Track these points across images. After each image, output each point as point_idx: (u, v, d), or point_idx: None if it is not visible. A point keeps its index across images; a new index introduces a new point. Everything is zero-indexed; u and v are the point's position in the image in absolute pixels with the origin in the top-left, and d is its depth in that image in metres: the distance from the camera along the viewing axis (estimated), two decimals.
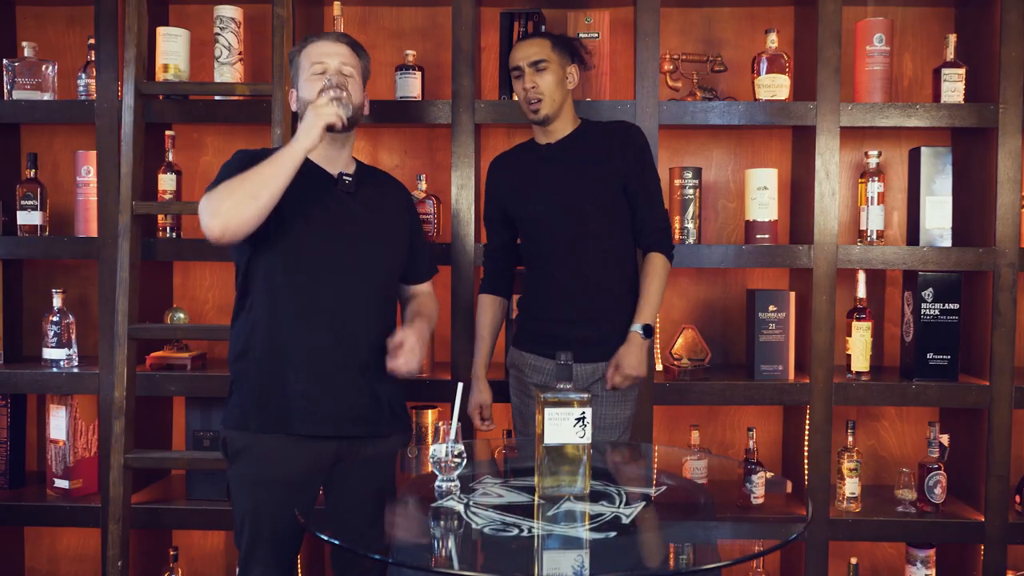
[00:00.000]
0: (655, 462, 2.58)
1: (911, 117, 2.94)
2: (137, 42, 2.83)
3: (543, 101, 2.57)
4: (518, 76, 2.59)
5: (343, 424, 2.30)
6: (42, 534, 3.33)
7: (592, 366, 2.58)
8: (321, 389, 2.28)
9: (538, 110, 2.58)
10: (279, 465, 2.26)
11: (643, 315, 2.59)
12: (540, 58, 2.56)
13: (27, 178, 3.07)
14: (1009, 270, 2.92)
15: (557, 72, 2.58)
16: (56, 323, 3.03)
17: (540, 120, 2.60)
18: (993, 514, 2.92)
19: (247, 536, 2.29)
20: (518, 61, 2.59)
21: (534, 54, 2.57)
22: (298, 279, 2.28)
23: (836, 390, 2.94)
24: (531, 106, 2.58)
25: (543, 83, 2.56)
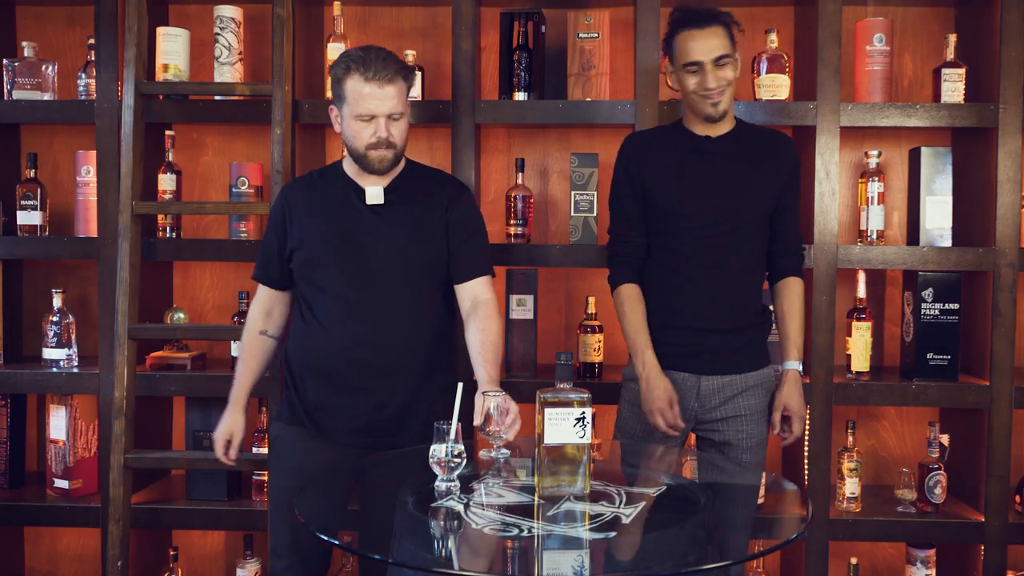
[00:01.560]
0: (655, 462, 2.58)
1: (911, 117, 2.94)
2: (137, 42, 2.83)
3: (726, 93, 2.38)
4: (695, 71, 2.37)
5: (364, 436, 2.38)
6: (42, 534, 3.33)
7: (723, 379, 2.44)
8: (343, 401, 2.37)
9: (719, 103, 2.38)
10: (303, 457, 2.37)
11: (798, 349, 2.48)
12: (724, 52, 2.36)
13: (27, 178, 3.07)
14: (1009, 270, 2.92)
15: (735, 64, 2.40)
16: (56, 323, 3.03)
17: (719, 116, 2.40)
18: (993, 514, 2.92)
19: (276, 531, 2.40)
20: (698, 55, 2.35)
21: (717, 48, 2.35)
22: (328, 294, 2.35)
23: (836, 390, 2.94)
24: (711, 99, 2.37)
25: (728, 76, 2.38)
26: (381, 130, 2.29)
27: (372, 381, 2.35)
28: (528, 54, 3.01)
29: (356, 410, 2.36)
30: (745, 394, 2.48)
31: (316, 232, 2.37)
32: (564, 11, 3.10)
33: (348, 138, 2.34)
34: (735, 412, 2.47)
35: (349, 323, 2.34)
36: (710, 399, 2.46)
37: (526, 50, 3.01)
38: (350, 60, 2.30)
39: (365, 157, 2.33)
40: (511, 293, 3.03)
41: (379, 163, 2.33)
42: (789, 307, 2.51)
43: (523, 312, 3.02)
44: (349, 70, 2.29)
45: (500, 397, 2.16)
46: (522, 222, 3.04)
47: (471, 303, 2.42)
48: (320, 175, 2.48)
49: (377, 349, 2.35)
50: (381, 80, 2.26)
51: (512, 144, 3.29)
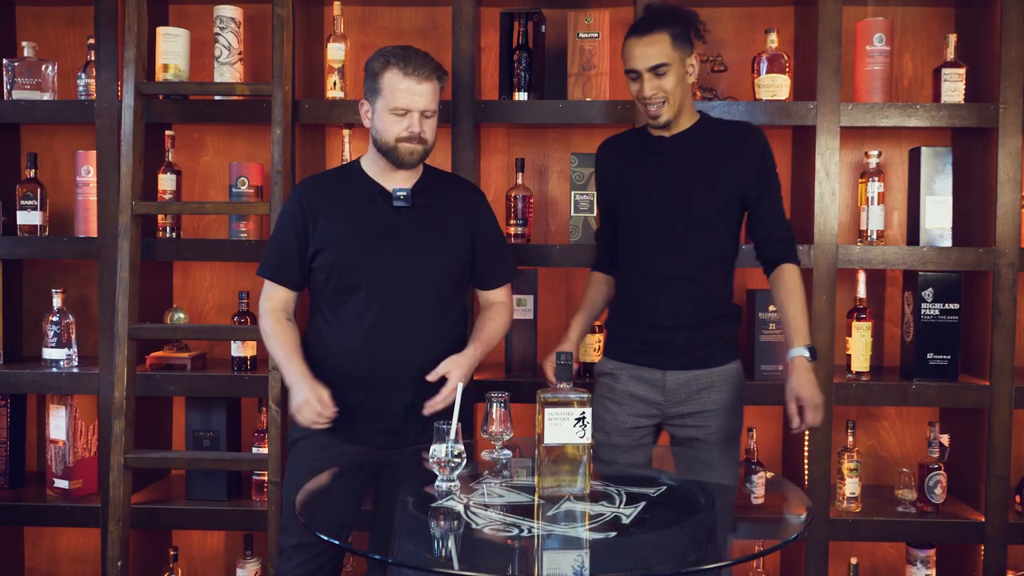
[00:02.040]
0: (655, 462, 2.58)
1: (911, 117, 2.94)
2: (137, 42, 2.83)
3: (666, 105, 2.39)
4: (634, 78, 2.40)
5: (392, 437, 2.39)
6: (42, 534, 3.33)
7: (692, 373, 2.46)
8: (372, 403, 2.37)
9: (659, 115, 2.40)
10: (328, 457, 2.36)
11: (802, 335, 2.40)
12: (661, 62, 2.36)
13: (27, 178, 3.07)
14: (1009, 270, 2.92)
15: (678, 71, 2.38)
16: (56, 323, 3.03)
17: (662, 125, 2.43)
18: (993, 514, 2.92)
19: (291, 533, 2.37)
20: (635, 63, 2.38)
21: (654, 57, 2.35)
22: (345, 295, 2.36)
23: (836, 390, 2.94)
24: (650, 111, 2.40)
25: (666, 86, 2.37)
26: (415, 125, 2.33)
27: (402, 381, 2.37)
28: (528, 54, 3.01)
29: (387, 411, 2.38)
30: (711, 389, 2.47)
31: (345, 233, 2.37)
32: (564, 11, 3.10)
33: (380, 131, 2.36)
34: (701, 407, 2.47)
35: (378, 324, 2.35)
36: (675, 393, 2.47)
37: (526, 50, 3.01)
38: (390, 55, 2.34)
39: (395, 150, 2.35)
40: (511, 293, 3.02)
41: (409, 156, 2.36)
42: (786, 294, 2.46)
43: (523, 312, 3.02)
44: (388, 64, 2.33)
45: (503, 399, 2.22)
46: (522, 222, 3.04)
47: (487, 303, 2.56)
48: (339, 174, 2.48)
49: (406, 349, 2.37)
50: (420, 76, 2.32)
51: (512, 144, 3.29)
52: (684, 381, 2.47)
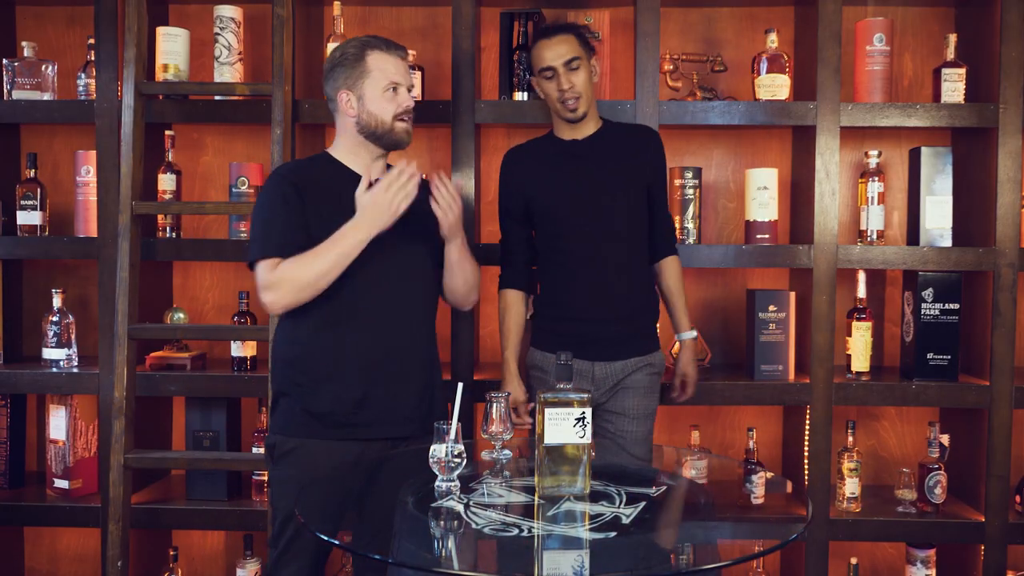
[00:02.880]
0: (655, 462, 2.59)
1: (911, 117, 2.94)
2: (137, 42, 2.83)
3: (581, 99, 2.55)
4: (550, 77, 2.56)
5: (397, 424, 2.36)
6: (42, 534, 3.33)
7: (621, 363, 2.61)
8: (375, 394, 2.33)
9: (576, 108, 2.56)
10: (325, 465, 2.31)
11: (685, 320, 2.74)
12: (573, 55, 2.54)
13: (27, 178, 3.07)
14: (1009, 270, 2.92)
15: (587, 68, 2.57)
16: (56, 323, 3.03)
17: (579, 118, 2.58)
18: (993, 514, 2.92)
19: (288, 536, 2.33)
20: (550, 61, 2.55)
21: (566, 52, 2.54)
22: (347, 288, 2.31)
23: (836, 390, 2.94)
24: (568, 105, 2.56)
25: (579, 81, 2.55)
26: (406, 99, 2.36)
27: (408, 369, 2.36)
28: (528, 54, 3.01)
29: (398, 400, 2.36)
30: (635, 373, 2.63)
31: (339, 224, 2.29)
32: (564, 11, 3.10)
33: (374, 114, 2.34)
34: (624, 386, 2.64)
35: (380, 314, 2.33)
36: (604, 382, 2.62)
37: (526, 50, 3.01)
38: (362, 40, 2.36)
39: (392, 131, 2.36)
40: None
41: (405, 135, 2.38)
42: (673, 283, 2.72)
43: None
44: (367, 46, 2.35)
45: (503, 399, 2.20)
46: None
47: None
48: (313, 164, 2.41)
49: (409, 338, 2.36)
50: (400, 52, 2.37)
51: (512, 144, 3.28)
52: (611, 372, 2.62)
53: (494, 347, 3.31)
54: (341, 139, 2.42)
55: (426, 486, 2.02)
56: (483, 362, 3.30)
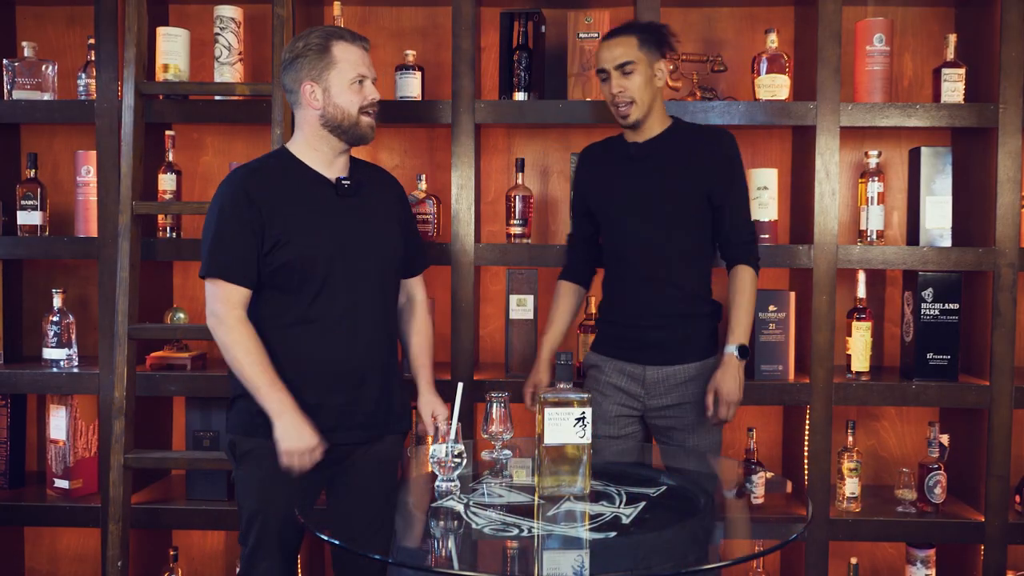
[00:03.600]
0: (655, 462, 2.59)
1: (911, 117, 2.94)
2: (137, 42, 2.83)
3: (633, 105, 2.50)
4: (604, 79, 2.53)
5: (354, 431, 2.34)
6: (42, 534, 3.33)
7: (672, 368, 2.56)
8: (333, 399, 2.30)
9: (627, 115, 2.52)
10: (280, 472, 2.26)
11: (737, 334, 2.52)
12: (627, 60, 2.48)
13: (27, 178, 3.07)
14: (1009, 270, 2.92)
15: (645, 72, 2.50)
16: (56, 323, 3.03)
17: (630, 125, 2.55)
18: (993, 514, 2.92)
19: (255, 534, 2.30)
20: (603, 63, 2.51)
21: (620, 56, 2.49)
22: (308, 288, 2.28)
23: (836, 390, 2.94)
24: (619, 110, 2.52)
25: (631, 86, 2.49)
26: (372, 92, 2.32)
27: (369, 374, 2.34)
28: (528, 54, 3.02)
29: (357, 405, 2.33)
30: (690, 383, 2.57)
31: (303, 227, 2.27)
32: (564, 11, 3.10)
33: (340, 107, 2.29)
34: (680, 400, 2.57)
35: (343, 317, 2.29)
36: (655, 387, 2.57)
37: (526, 50, 3.01)
38: (327, 30, 2.31)
39: (357, 124, 2.31)
40: (511, 293, 3.03)
41: (370, 129, 2.35)
42: (733, 294, 2.58)
43: (523, 312, 3.02)
44: (333, 36, 2.30)
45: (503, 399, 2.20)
46: (522, 222, 3.04)
47: (407, 298, 2.55)
48: (273, 162, 2.35)
49: (372, 341, 2.34)
50: (364, 44, 2.34)
51: (512, 144, 3.29)
52: (663, 376, 2.57)
53: (494, 347, 3.31)
54: (301, 133, 2.35)
55: (426, 486, 2.02)
56: (483, 362, 3.30)
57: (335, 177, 2.34)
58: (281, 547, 2.30)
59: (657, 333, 2.56)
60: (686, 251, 2.58)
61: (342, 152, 2.36)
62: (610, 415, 2.60)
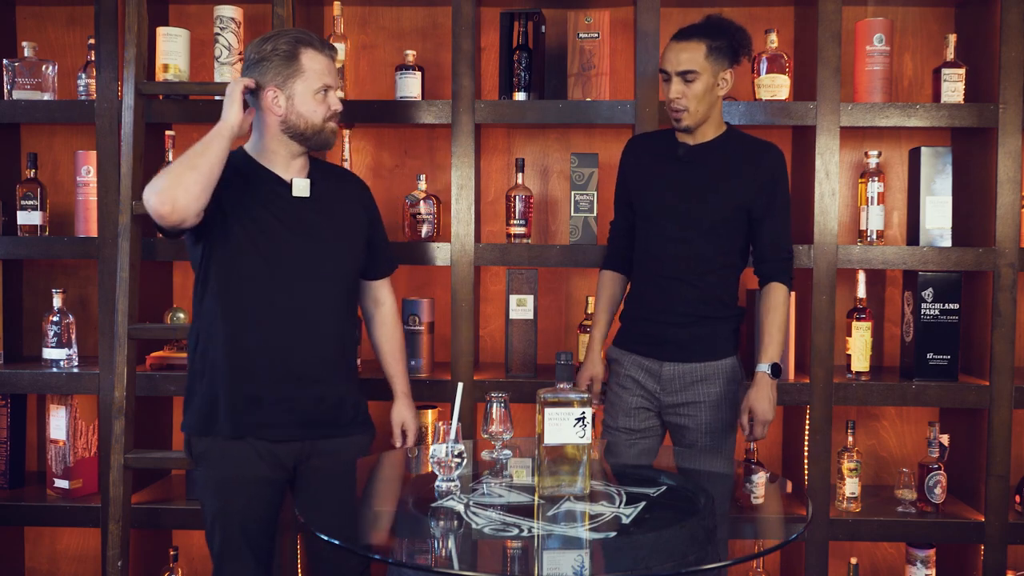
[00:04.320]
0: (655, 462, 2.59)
1: (911, 117, 2.94)
2: (137, 42, 2.83)
3: (687, 112, 2.48)
4: (666, 80, 2.49)
5: (307, 428, 2.33)
6: (42, 534, 3.33)
7: (689, 366, 2.57)
8: (285, 395, 2.30)
9: (680, 119, 2.50)
10: (244, 467, 2.29)
11: (769, 353, 2.53)
12: (690, 68, 2.44)
13: (27, 178, 3.07)
14: (1009, 270, 2.92)
15: (708, 81, 2.47)
16: (56, 323, 3.03)
17: (681, 129, 2.53)
18: (993, 514, 2.92)
19: (219, 536, 2.31)
20: (667, 65, 2.48)
21: (685, 62, 2.45)
22: (257, 286, 2.28)
23: (836, 390, 2.94)
24: (674, 115, 2.51)
25: (690, 93, 2.46)
26: (335, 102, 2.32)
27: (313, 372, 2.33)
28: (528, 54, 3.02)
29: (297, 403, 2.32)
30: (705, 382, 2.58)
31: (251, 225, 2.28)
32: (564, 11, 3.10)
33: (304, 116, 2.29)
34: (694, 399, 2.58)
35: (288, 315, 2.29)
36: (670, 383, 2.59)
37: (526, 50, 3.01)
38: (294, 36, 2.29)
39: (322, 131, 2.31)
40: (511, 293, 3.03)
41: (333, 135, 2.35)
42: (765, 312, 2.58)
43: (523, 312, 3.02)
44: (301, 43, 2.28)
45: (503, 399, 2.19)
46: (522, 222, 3.04)
47: (374, 302, 2.56)
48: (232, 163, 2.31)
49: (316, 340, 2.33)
50: (332, 52, 2.32)
51: (512, 144, 3.29)
52: (679, 373, 2.58)
53: (494, 347, 3.31)
54: (259, 135, 2.35)
55: (426, 486, 2.02)
56: (483, 362, 3.31)
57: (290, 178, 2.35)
58: (249, 548, 2.31)
59: (677, 330, 2.57)
60: (718, 257, 2.57)
61: (300, 154, 2.36)
62: (630, 407, 2.63)
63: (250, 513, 2.28)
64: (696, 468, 2.50)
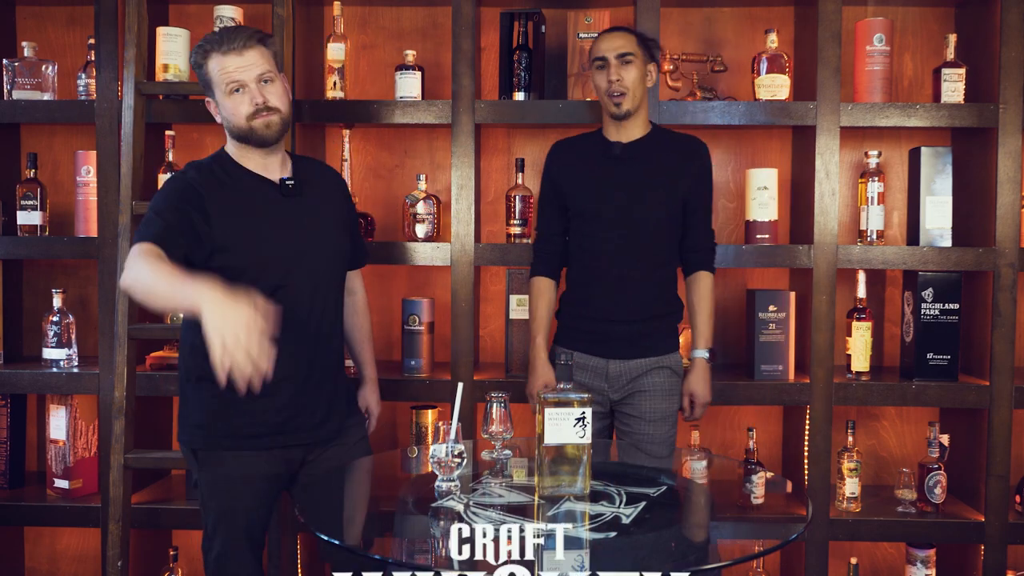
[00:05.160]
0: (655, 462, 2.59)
1: (911, 117, 2.94)
2: (137, 42, 2.83)
3: (627, 95, 2.57)
4: (601, 67, 2.58)
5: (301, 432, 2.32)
6: (42, 534, 3.33)
7: (635, 363, 2.62)
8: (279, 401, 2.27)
9: (621, 103, 2.57)
10: (247, 472, 2.28)
11: (704, 338, 2.68)
12: (628, 51, 2.56)
13: (27, 178, 3.07)
14: (1009, 270, 2.92)
15: (641, 68, 2.59)
16: (56, 323, 3.03)
17: (622, 115, 2.59)
18: (993, 514, 2.92)
19: (220, 537, 2.30)
20: (604, 52, 2.58)
21: (621, 46, 2.57)
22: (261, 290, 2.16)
23: (836, 390, 2.94)
24: (614, 99, 2.57)
25: (628, 77, 2.56)
26: (256, 95, 2.24)
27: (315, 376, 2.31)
28: (528, 54, 3.02)
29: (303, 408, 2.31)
30: (649, 373, 2.64)
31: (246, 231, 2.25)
32: (564, 11, 3.10)
33: (230, 119, 2.26)
34: (640, 388, 2.64)
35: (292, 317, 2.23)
36: (617, 380, 2.64)
37: (526, 50, 3.01)
38: (204, 43, 2.27)
39: (251, 131, 2.25)
40: (511, 293, 3.03)
41: (265, 129, 2.25)
42: (697, 300, 2.68)
43: (523, 312, 3.02)
44: (207, 53, 2.25)
45: (503, 399, 2.19)
46: (522, 222, 3.04)
47: (347, 292, 2.54)
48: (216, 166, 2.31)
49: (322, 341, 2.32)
50: (239, 49, 2.23)
51: (512, 144, 3.29)
52: (625, 370, 2.63)
53: (494, 347, 3.31)
54: (231, 143, 2.35)
55: (426, 486, 2.02)
56: (483, 362, 3.30)
57: (278, 178, 2.33)
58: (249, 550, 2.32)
59: (623, 328, 2.61)
60: (660, 253, 2.64)
61: (268, 154, 2.32)
62: None
63: (253, 513, 2.28)
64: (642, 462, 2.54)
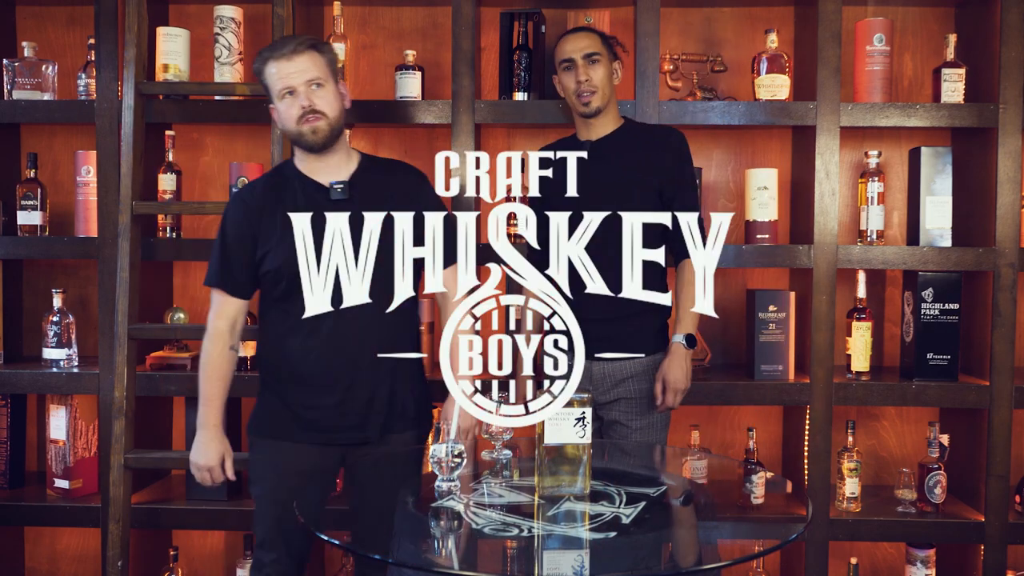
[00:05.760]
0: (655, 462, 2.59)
1: (911, 117, 2.94)
2: (137, 42, 2.83)
3: (596, 94, 2.59)
4: (568, 68, 2.61)
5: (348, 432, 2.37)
6: (42, 534, 3.33)
7: (617, 364, 2.61)
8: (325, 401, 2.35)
9: (590, 102, 2.59)
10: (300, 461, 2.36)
11: (684, 324, 2.60)
12: (594, 51, 2.59)
13: (27, 178, 3.07)
14: (1009, 270, 2.92)
15: (607, 66, 2.62)
16: (56, 323, 3.03)
17: (591, 113, 2.61)
18: (993, 514, 2.92)
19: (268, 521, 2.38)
20: (570, 53, 2.60)
21: (587, 46, 2.60)
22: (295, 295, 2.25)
23: (836, 390, 2.94)
24: (582, 99, 2.60)
25: (596, 76, 2.59)
26: (303, 98, 2.31)
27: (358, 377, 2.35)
28: (528, 54, 3.02)
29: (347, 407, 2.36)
30: (635, 378, 2.61)
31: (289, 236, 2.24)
32: (564, 11, 3.10)
33: (283, 124, 2.37)
34: (625, 395, 2.61)
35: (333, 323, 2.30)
36: (602, 382, 2.61)
37: (526, 50, 3.01)
38: (263, 50, 2.37)
39: (301, 135, 2.34)
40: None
41: (312, 135, 2.33)
42: (681, 287, 2.63)
43: None
44: (265, 60, 2.35)
45: None
46: None
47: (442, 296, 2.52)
48: (275, 177, 2.44)
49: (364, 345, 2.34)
50: (289, 53, 2.32)
51: (512, 144, 3.29)
52: (610, 371, 2.61)
53: None
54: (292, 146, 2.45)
55: (426, 486, 2.02)
56: None
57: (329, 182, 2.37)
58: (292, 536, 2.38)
59: (606, 327, 2.56)
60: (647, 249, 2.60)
61: (320, 158, 2.38)
62: None
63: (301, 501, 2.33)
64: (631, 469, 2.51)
